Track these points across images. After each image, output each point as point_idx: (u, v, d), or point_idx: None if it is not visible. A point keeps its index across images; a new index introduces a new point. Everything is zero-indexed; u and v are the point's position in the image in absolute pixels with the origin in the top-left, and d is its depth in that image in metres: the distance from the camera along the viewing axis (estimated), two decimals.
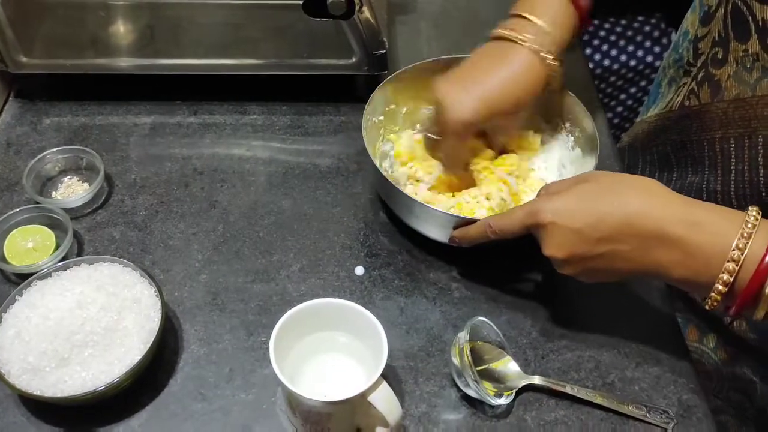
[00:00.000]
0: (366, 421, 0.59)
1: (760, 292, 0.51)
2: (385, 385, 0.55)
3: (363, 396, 0.54)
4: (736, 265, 0.51)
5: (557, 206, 0.58)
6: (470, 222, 0.65)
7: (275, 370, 0.54)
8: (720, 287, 0.52)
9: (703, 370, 0.74)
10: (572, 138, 0.76)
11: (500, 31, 0.69)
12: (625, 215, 0.55)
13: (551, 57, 0.68)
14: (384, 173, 0.70)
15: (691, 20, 0.75)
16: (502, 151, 0.76)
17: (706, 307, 0.54)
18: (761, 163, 0.65)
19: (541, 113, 0.78)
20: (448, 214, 0.67)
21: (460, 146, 0.70)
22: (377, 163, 0.72)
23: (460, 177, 0.73)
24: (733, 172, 0.68)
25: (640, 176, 0.59)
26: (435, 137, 0.71)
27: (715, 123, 0.69)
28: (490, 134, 0.74)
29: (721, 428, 0.72)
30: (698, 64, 0.72)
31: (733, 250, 0.51)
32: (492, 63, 0.68)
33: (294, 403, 0.57)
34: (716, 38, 0.68)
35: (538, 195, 0.62)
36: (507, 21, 0.70)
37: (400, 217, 0.72)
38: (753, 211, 0.53)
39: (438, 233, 0.69)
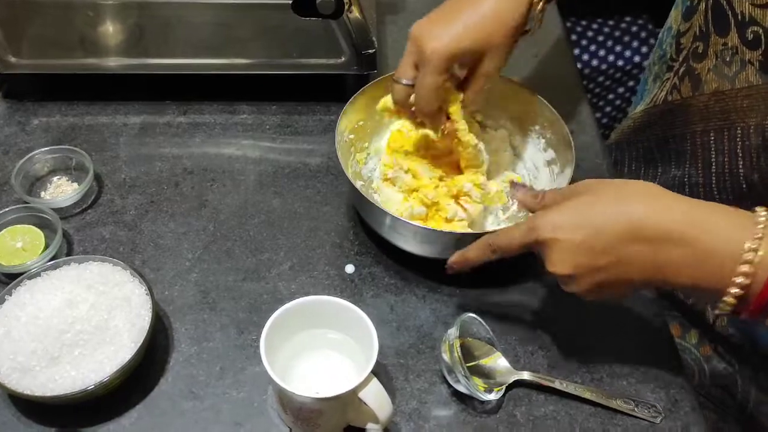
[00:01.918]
0: (357, 418, 0.59)
1: None
2: (375, 381, 0.55)
3: (354, 392, 0.54)
4: (751, 268, 0.48)
5: (556, 220, 0.55)
6: (456, 238, 0.64)
7: (266, 368, 0.54)
8: (735, 290, 0.49)
9: (685, 366, 0.75)
10: (543, 140, 0.76)
11: None
12: (630, 222, 0.52)
13: None
14: (360, 190, 0.68)
15: (674, 16, 0.76)
16: (456, 167, 0.73)
17: (716, 312, 0.52)
18: (740, 155, 0.65)
19: (512, 119, 0.78)
20: (423, 227, 0.67)
21: (438, 82, 0.64)
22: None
23: (435, 134, 0.70)
24: (714, 164, 0.69)
25: (638, 181, 0.56)
26: (408, 83, 0.66)
27: (696, 116, 0.70)
28: (468, 80, 0.69)
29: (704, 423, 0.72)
30: (680, 59, 0.73)
31: (747, 252, 0.49)
32: None
33: (285, 400, 0.57)
34: (697, 33, 0.69)
35: (533, 210, 0.59)
36: None
37: (374, 230, 0.72)
38: (762, 211, 0.50)
39: (413, 247, 0.69)
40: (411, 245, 0.69)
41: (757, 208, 0.51)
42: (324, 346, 0.62)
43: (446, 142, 0.72)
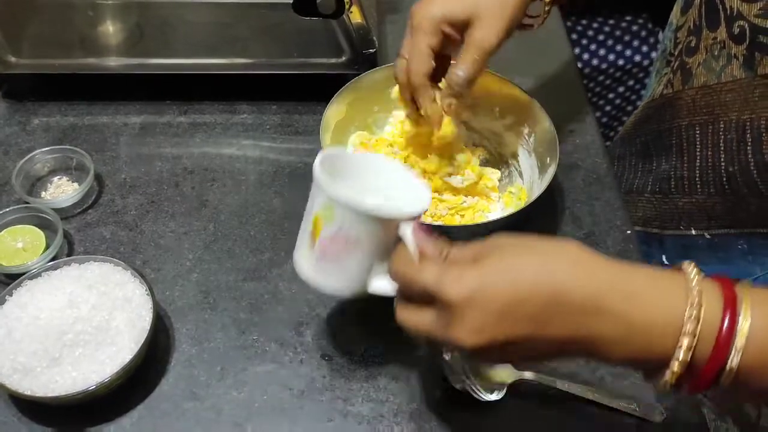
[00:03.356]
0: (381, 269, 0.54)
1: (723, 367, 0.43)
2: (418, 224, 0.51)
3: (399, 222, 0.50)
4: (694, 339, 0.43)
5: (471, 282, 0.45)
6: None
7: (316, 169, 0.52)
8: (676, 367, 0.43)
9: None
10: (530, 138, 0.75)
11: None
12: (553, 288, 0.44)
13: None
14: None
15: (675, 11, 0.77)
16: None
17: (657, 390, 0.47)
18: (722, 148, 0.66)
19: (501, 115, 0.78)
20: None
21: (425, 44, 0.63)
22: None
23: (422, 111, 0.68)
24: (698, 158, 0.70)
25: (562, 241, 0.47)
26: (405, 55, 0.66)
27: (683, 110, 0.70)
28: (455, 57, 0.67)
29: None
30: (676, 53, 0.73)
31: (687, 322, 0.43)
32: None
33: (322, 222, 0.52)
34: (691, 27, 0.70)
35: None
36: None
37: None
38: (692, 271, 0.45)
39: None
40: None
41: (686, 268, 0.45)
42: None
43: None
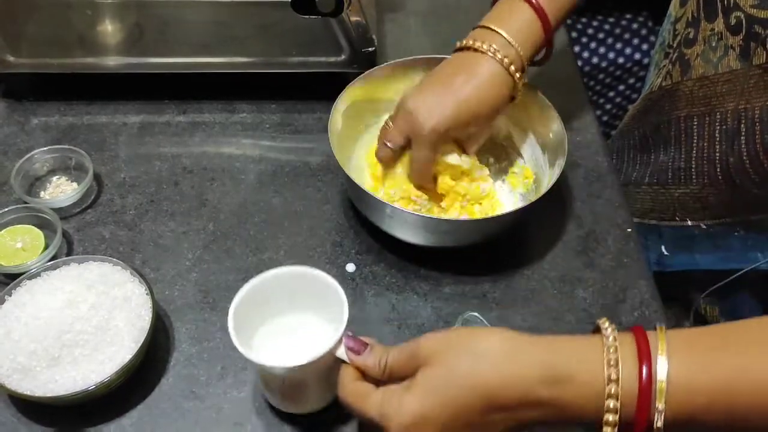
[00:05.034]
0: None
1: (652, 418, 0.44)
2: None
3: (331, 354, 0.53)
4: (617, 400, 0.45)
5: (410, 408, 0.48)
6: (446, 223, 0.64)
7: (236, 345, 0.54)
8: (608, 430, 0.46)
9: None
10: (535, 135, 0.76)
11: (467, 42, 0.68)
12: (488, 394, 0.47)
13: (516, 70, 0.67)
14: (356, 181, 0.69)
15: (674, 3, 0.78)
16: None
17: None
18: (717, 138, 0.67)
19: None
20: (420, 215, 0.67)
21: (431, 157, 0.68)
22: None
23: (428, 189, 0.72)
24: (695, 149, 0.71)
25: (486, 335, 0.50)
26: (393, 147, 0.69)
27: (682, 102, 0.71)
28: (461, 143, 0.72)
29: None
30: (675, 45, 0.74)
31: (608, 384, 0.45)
32: (460, 72, 0.67)
33: (268, 379, 0.57)
34: (689, 19, 0.71)
35: (377, 377, 0.52)
36: (473, 32, 0.69)
37: (373, 222, 0.72)
38: (606, 327, 0.47)
39: (411, 236, 0.69)
40: (411, 235, 0.69)
41: (602, 325, 0.48)
42: (301, 324, 0.61)
43: None
